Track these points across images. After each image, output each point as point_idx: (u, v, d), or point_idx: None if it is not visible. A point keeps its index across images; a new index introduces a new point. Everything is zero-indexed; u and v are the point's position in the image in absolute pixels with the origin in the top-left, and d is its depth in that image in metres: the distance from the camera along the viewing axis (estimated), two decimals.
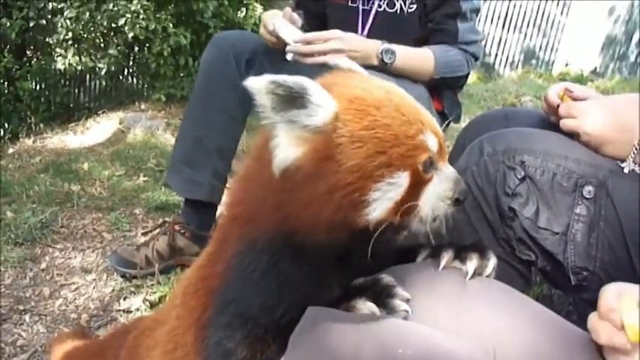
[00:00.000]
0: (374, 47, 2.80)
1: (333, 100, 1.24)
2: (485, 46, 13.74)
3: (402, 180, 1.25)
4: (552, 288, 2.78)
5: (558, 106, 2.01)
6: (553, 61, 13.84)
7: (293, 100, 1.20)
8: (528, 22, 13.76)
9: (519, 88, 8.95)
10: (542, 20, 13.71)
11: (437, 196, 1.32)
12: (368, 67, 2.38)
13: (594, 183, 1.77)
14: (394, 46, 2.83)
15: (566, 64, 13.44)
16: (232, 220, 1.49)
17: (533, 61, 13.93)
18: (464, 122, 3.76)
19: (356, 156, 1.22)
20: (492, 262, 1.40)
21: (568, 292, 2.13)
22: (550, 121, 2.12)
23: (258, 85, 1.19)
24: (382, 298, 1.25)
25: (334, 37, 2.70)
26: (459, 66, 3.01)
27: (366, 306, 1.24)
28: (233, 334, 1.37)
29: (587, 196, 1.77)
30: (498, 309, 1.27)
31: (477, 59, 3.10)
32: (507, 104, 8.06)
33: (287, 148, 1.24)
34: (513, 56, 14.05)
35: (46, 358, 2.83)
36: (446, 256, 1.40)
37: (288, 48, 2.73)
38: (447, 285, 1.31)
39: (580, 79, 11.87)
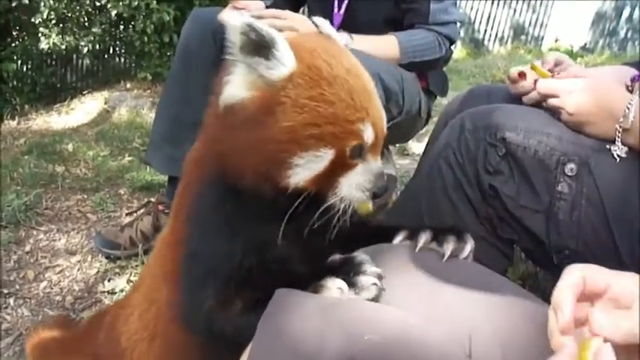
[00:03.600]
0: None
1: (294, 61, 1.29)
2: (474, 22, 13.73)
3: (326, 156, 1.30)
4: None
5: (535, 81, 1.99)
6: (542, 37, 13.83)
7: (260, 48, 1.26)
8: None
9: (508, 64, 8.90)
10: None
11: (356, 184, 1.35)
12: None
13: (576, 161, 1.75)
14: (352, 35, 2.75)
15: (556, 40, 13.44)
16: (192, 163, 1.55)
17: (523, 37, 13.91)
18: (452, 98, 3.74)
19: (293, 119, 1.28)
20: (470, 244, 1.39)
21: (551, 270, 2.12)
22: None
23: (234, 22, 1.25)
24: (351, 276, 1.26)
25: (289, 17, 2.64)
26: (428, 49, 2.90)
27: (335, 284, 1.24)
28: (203, 285, 1.40)
29: (569, 174, 1.75)
30: (474, 293, 1.25)
31: (452, 42, 2.99)
32: (496, 80, 8.05)
33: (238, 87, 1.32)
34: (503, 32, 14.04)
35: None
36: (423, 238, 1.40)
37: None
38: (422, 266, 1.30)
39: (570, 55, 11.84)
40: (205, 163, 1.47)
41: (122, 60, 9.09)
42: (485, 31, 13.98)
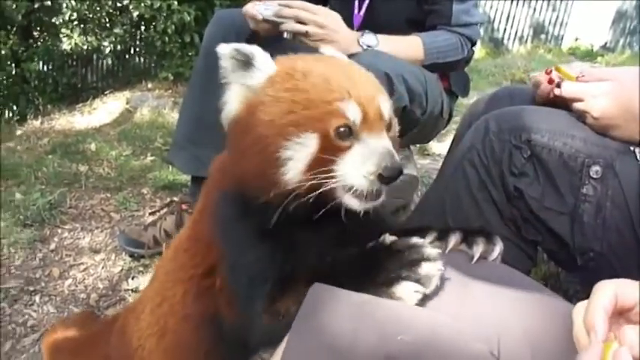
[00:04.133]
0: (355, 34, 2.74)
1: (273, 66, 1.44)
2: (493, 21, 13.68)
3: (309, 141, 1.34)
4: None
5: (557, 84, 1.99)
6: (562, 36, 13.76)
7: (245, 64, 1.43)
8: None
9: (528, 64, 8.90)
10: None
11: (355, 168, 1.34)
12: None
13: (601, 163, 1.74)
14: (378, 35, 2.76)
15: (576, 39, 13.36)
16: (217, 169, 1.66)
17: (543, 36, 13.84)
18: (472, 98, 3.71)
19: (272, 113, 1.37)
20: (498, 246, 1.39)
21: (574, 272, 2.12)
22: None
23: (224, 50, 1.44)
24: (414, 267, 1.23)
25: (317, 12, 2.65)
26: (451, 50, 2.90)
27: (409, 290, 1.21)
28: (250, 297, 1.42)
29: (594, 176, 1.75)
30: (503, 294, 1.26)
31: (473, 43, 2.99)
32: (516, 80, 8.02)
33: (232, 104, 1.47)
34: (522, 31, 13.98)
35: None
36: (453, 239, 1.40)
37: (281, 27, 2.70)
38: (452, 268, 1.29)
39: (590, 54, 11.82)
40: (227, 173, 1.54)
41: (143, 60, 9.14)
42: (505, 30, 13.93)
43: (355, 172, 1.34)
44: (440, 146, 4.97)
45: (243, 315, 1.45)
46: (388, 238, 1.33)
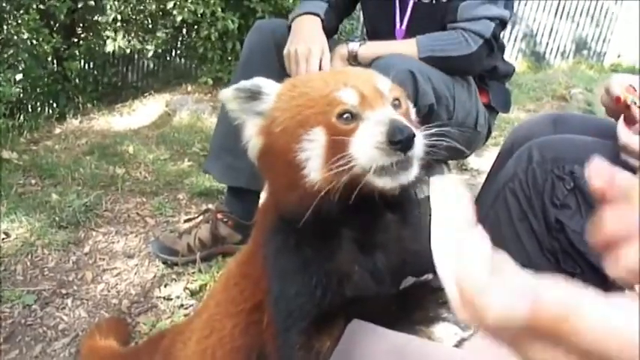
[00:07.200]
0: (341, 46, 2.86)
1: (278, 86, 1.51)
2: (535, 35, 13.53)
3: (317, 136, 1.37)
4: None
5: (617, 99, 1.89)
6: (605, 53, 13.56)
7: (252, 97, 1.48)
8: (581, 12, 13.48)
9: (569, 80, 8.77)
10: (595, 10, 13.42)
11: (367, 144, 1.32)
12: None
13: None
14: (364, 42, 2.86)
15: (619, 56, 13.17)
16: (260, 211, 1.68)
17: (585, 52, 13.67)
18: (512, 113, 3.62)
19: (283, 123, 1.42)
20: None
21: None
22: (604, 127, 2.03)
23: (226, 94, 1.50)
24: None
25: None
26: (450, 44, 2.81)
27: (448, 332, 1.22)
28: (288, 330, 1.42)
29: None
30: None
31: (484, 38, 2.84)
32: (557, 95, 7.93)
33: (252, 137, 1.50)
34: (564, 46, 13.80)
35: None
36: None
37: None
38: None
39: (632, 72, 11.62)
40: (269, 208, 1.57)
41: (183, 61, 9.19)
42: (547, 44, 13.78)
43: (367, 147, 1.32)
44: (479, 161, 4.91)
45: (281, 350, 1.44)
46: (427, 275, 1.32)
